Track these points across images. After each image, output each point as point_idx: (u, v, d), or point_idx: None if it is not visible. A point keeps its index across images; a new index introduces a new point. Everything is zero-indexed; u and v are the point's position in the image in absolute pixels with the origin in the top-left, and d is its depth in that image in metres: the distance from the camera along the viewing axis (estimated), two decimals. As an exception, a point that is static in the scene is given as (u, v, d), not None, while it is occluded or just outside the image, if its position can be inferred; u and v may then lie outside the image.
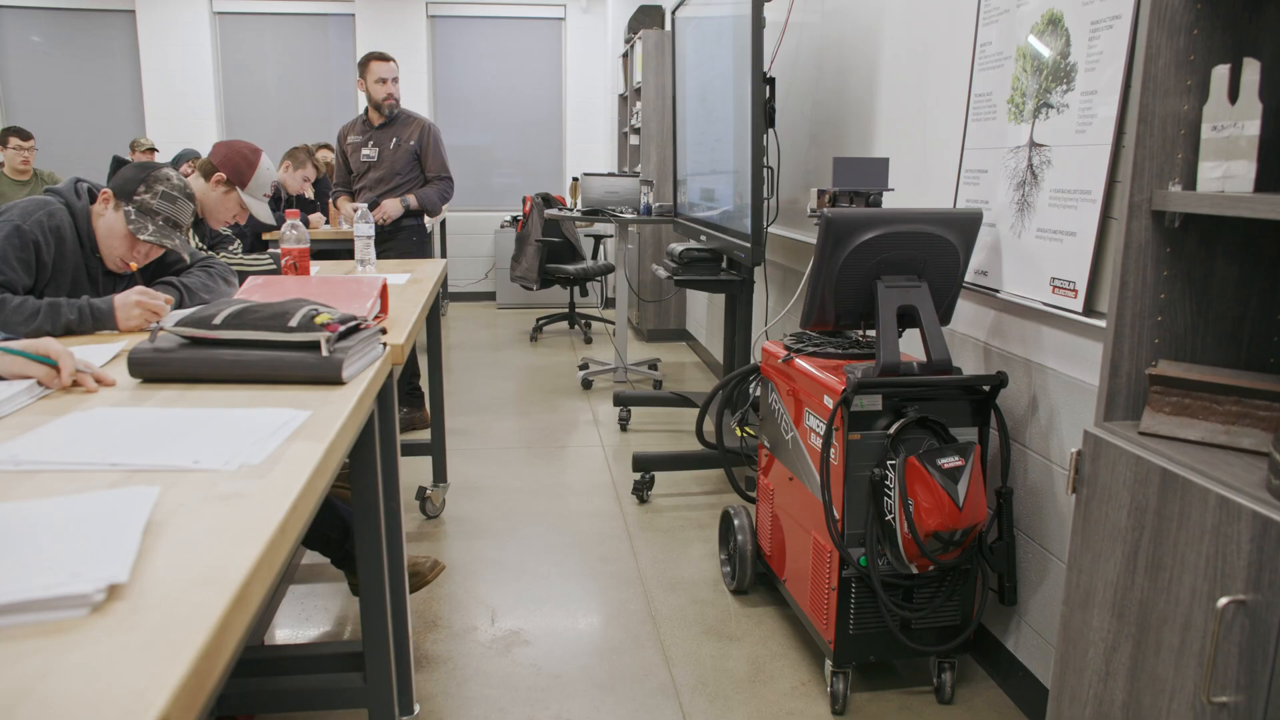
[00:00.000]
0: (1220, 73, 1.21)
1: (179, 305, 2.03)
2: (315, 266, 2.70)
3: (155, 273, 2.15)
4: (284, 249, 2.23)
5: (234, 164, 2.51)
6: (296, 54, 7.56)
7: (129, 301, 1.85)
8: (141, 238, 1.97)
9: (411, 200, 4.02)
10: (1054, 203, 1.90)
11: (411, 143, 4.01)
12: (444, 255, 7.04)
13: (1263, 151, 1.19)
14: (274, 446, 1.11)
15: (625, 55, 6.96)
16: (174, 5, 7.28)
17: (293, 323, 1.43)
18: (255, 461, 1.05)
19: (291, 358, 1.40)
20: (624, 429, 4.39)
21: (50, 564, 0.75)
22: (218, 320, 1.44)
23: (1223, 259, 1.32)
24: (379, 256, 3.78)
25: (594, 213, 5.18)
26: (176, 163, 6.07)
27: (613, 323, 6.89)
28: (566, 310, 6.86)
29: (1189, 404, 1.25)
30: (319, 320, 1.44)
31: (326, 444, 1.13)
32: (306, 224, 4.46)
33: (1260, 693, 1.04)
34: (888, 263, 2.11)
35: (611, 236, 7.19)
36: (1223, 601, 1.06)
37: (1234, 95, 1.20)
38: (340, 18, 7.49)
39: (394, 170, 3.98)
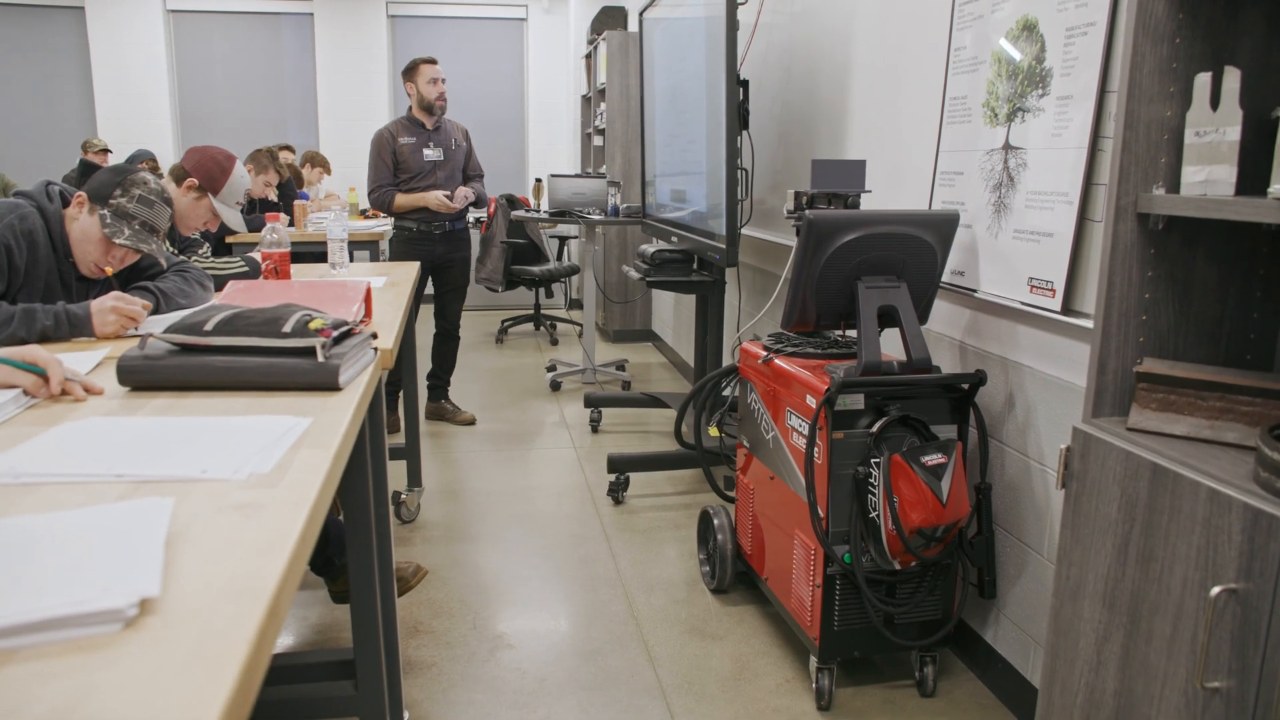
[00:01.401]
0: (1202, 80, 1.26)
1: (155, 311, 1.99)
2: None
3: (129, 278, 2.10)
4: (264, 253, 2.19)
5: (207, 170, 2.47)
6: (254, 53, 7.42)
7: (104, 307, 1.80)
8: (118, 242, 1.93)
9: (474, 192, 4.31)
10: (1031, 204, 1.95)
11: (464, 144, 4.29)
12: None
13: (1241, 156, 1.24)
14: (280, 454, 1.09)
15: (588, 56, 6.95)
16: (125, 2, 7.10)
17: (286, 328, 1.41)
18: (264, 470, 1.04)
19: (287, 364, 1.38)
20: (595, 430, 4.39)
21: (77, 579, 0.74)
22: (209, 326, 1.41)
23: (1203, 260, 1.36)
24: (451, 256, 4.21)
25: (561, 214, 5.18)
26: (130, 164, 5.93)
27: (577, 324, 6.89)
28: (532, 312, 6.84)
29: (1174, 400, 1.29)
30: (313, 326, 1.42)
31: (333, 451, 1.12)
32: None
33: (1252, 677, 1.08)
34: (868, 264, 2.14)
35: (576, 238, 7.19)
36: (1215, 590, 1.10)
37: (1215, 102, 1.25)
38: (298, 17, 7.38)
39: (457, 168, 4.25)
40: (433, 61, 4.10)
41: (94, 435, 1.17)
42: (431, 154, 4.12)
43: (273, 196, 4.51)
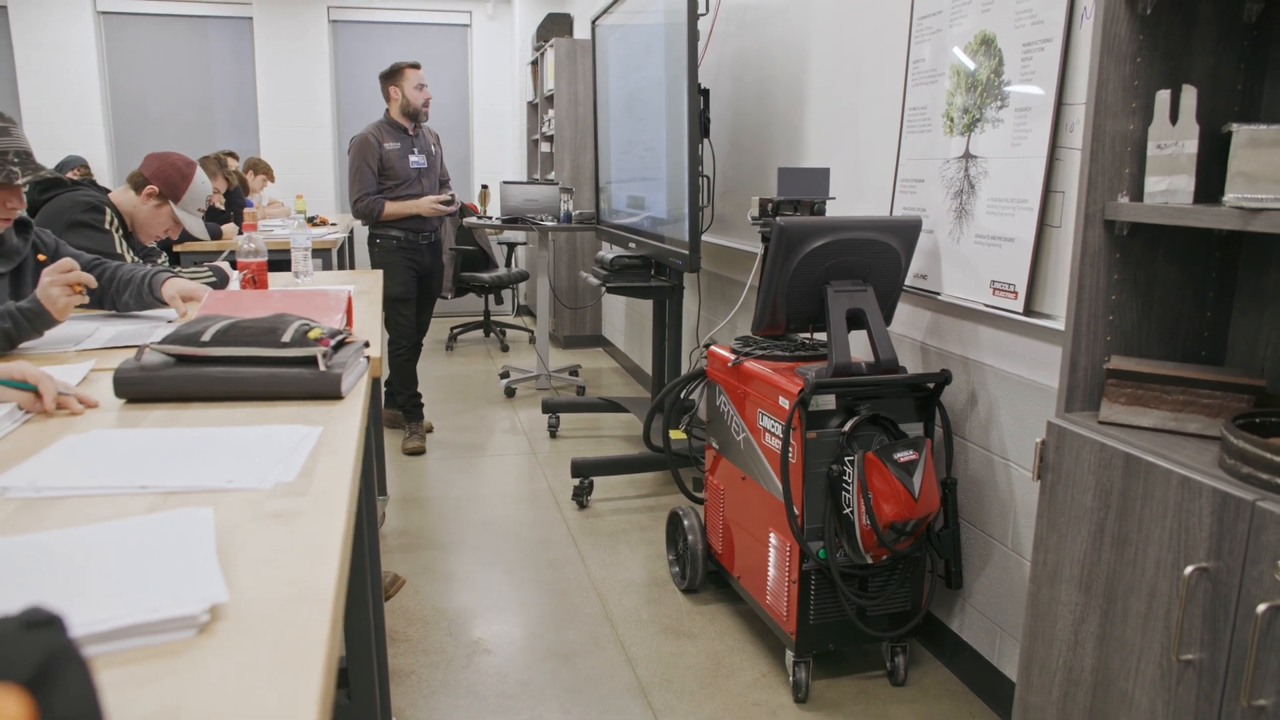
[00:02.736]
0: (1163, 97, 1.35)
1: (102, 290, 1.95)
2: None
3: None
4: (241, 263, 2.17)
5: (167, 177, 2.43)
6: (190, 57, 7.23)
7: (43, 285, 1.71)
8: (17, 184, 1.83)
9: None
10: (992, 211, 2.05)
11: (438, 149, 4.23)
12: (353, 266, 6.87)
13: (1198, 167, 1.34)
14: (301, 463, 1.10)
15: (534, 63, 6.96)
16: (51, 3, 6.87)
17: (285, 338, 1.41)
18: (290, 479, 1.05)
19: (288, 374, 1.38)
20: (554, 436, 4.40)
21: (140, 588, 0.75)
22: (206, 337, 1.41)
23: (1163, 263, 1.46)
24: (434, 265, 4.19)
25: (514, 221, 5.18)
26: (62, 169, 5.75)
27: (527, 330, 6.88)
28: (481, 319, 6.81)
29: (1142, 394, 1.38)
30: (312, 335, 1.43)
31: (352, 458, 1.14)
32: (219, 234, 4.31)
33: (1222, 648, 1.17)
34: (836, 268, 2.22)
35: (524, 244, 7.18)
36: (1189, 570, 1.19)
37: (1174, 117, 1.34)
38: (237, 21, 7.22)
39: (438, 175, 4.20)
40: (416, 66, 4.00)
41: (102, 448, 1.16)
42: (417, 160, 4.03)
43: (220, 204, 4.43)
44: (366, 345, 1.63)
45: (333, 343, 1.45)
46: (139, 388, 1.37)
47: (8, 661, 0.47)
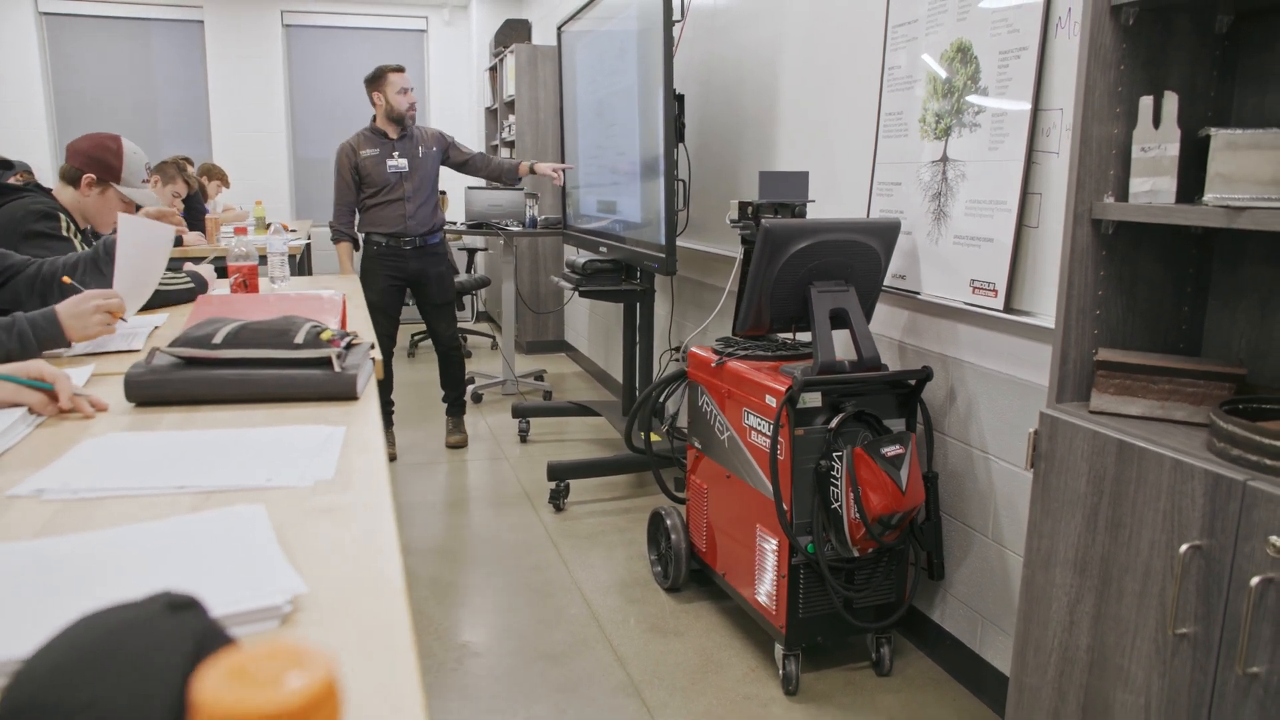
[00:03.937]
0: (1146, 103, 1.43)
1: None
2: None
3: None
4: (232, 266, 2.14)
5: (100, 160, 2.35)
6: (138, 61, 7.06)
7: (85, 308, 1.63)
8: None
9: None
10: (970, 212, 2.12)
11: (435, 150, 4.06)
12: (311, 274, 6.76)
13: (1179, 169, 1.41)
14: (334, 461, 1.11)
15: (493, 69, 6.95)
16: (-12, 4, 6.67)
17: (298, 339, 1.41)
18: (328, 476, 1.06)
19: (302, 375, 1.38)
20: (524, 440, 4.40)
21: (219, 582, 0.75)
22: (217, 340, 1.40)
23: (1145, 260, 1.54)
24: (426, 272, 4.04)
25: (479, 226, 5.17)
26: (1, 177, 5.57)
27: (488, 336, 6.86)
28: (442, 325, 6.75)
29: (1130, 384, 1.46)
30: (324, 336, 1.43)
31: (383, 456, 1.15)
32: (180, 241, 4.23)
33: (1216, 621, 1.23)
34: (818, 269, 2.27)
35: (484, 250, 7.16)
36: (1183, 548, 1.26)
37: (1157, 121, 1.42)
38: (187, 24, 7.08)
39: (427, 177, 4.03)
40: (400, 70, 3.89)
41: (126, 451, 1.15)
42: (396, 165, 3.90)
43: (178, 209, 4.34)
44: (373, 347, 1.63)
45: (343, 344, 1.46)
46: (150, 390, 1.36)
47: (167, 641, 0.48)
